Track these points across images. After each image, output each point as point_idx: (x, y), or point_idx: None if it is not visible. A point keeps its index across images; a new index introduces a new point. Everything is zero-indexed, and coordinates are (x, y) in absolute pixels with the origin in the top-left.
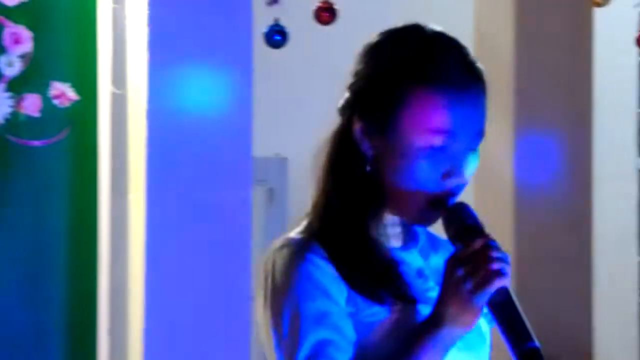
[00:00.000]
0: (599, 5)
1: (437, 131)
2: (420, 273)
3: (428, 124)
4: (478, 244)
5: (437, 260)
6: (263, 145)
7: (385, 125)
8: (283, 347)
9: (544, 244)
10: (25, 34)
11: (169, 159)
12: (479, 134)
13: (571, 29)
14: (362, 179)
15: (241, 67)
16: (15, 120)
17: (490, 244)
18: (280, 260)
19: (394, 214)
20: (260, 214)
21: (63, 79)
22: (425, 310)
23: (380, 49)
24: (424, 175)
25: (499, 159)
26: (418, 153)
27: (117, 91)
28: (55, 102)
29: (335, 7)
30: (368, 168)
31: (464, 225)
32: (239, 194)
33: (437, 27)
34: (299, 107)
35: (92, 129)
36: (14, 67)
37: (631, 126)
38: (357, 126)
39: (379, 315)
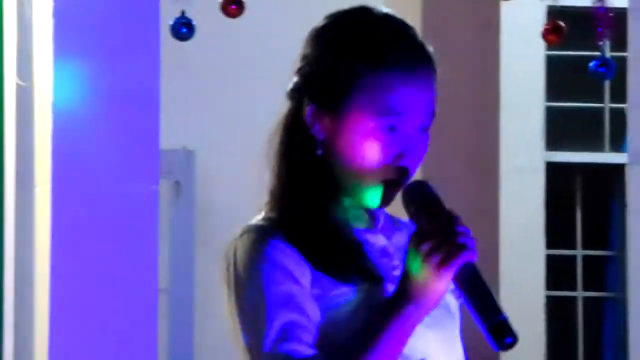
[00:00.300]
0: None
1: (389, 112)
2: (384, 252)
3: (380, 105)
4: (443, 218)
5: (400, 239)
6: (169, 137)
7: (336, 107)
8: (250, 333)
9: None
10: None
11: (75, 152)
12: (431, 115)
13: (478, 24)
14: (314, 162)
15: (148, 59)
16: None
17: (454, 219)
18: (242, 247)
19: (350, 196)
20: (167, 208)
21: None
22: (391, 288)
23: (329, 32)
24: (377, 156)
25: None
26: (370, 134)
27: (22, 83)
28: None
29: (243, 0)
30: (319, 151)
31: (426, 201)
32: (146, 187)
33: (385, 9)
34: (206, 100)
35: None
36: None
37: (538, 120)
38: (307, 109)
39: (346, 295)
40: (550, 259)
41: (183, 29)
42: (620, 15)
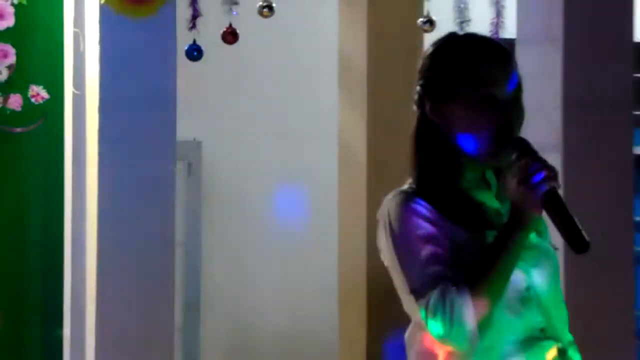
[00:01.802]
0: (426, 31)
1: (486, 82)
2: (498, 213)
3: (478, 80)
4: (539, 158)
5: (509, 206)
6: (183, 131)
7: (450, 97)
8: (406, 265)
9: None
10: (11, 50)
11: (117, 142)
12: (516, 85)
13: (406, 50)
14: (439, 145)
15: (169, 75)
16: (3, 114)
17: (543, 161)
18: (394, 205)
19: (472, 161)
20: (182, 183)
21: (38, 83)
22: None
23: (435, 53)
24: (486, 120)
25: (356, 142)
26: (477, 105)
27: (77, 92)
28: (33, 100)
29: (237, 31)
30: (442, 136)
31: (527, 149)
32: (167, 168)
33: (469, 32)
34: (212, 103)
35: (60, 119)
36: (2, 75)
37: None
38: (428, 107)
39: (469, 239)
40: None
41: (195, 52)
42: (511, 44)
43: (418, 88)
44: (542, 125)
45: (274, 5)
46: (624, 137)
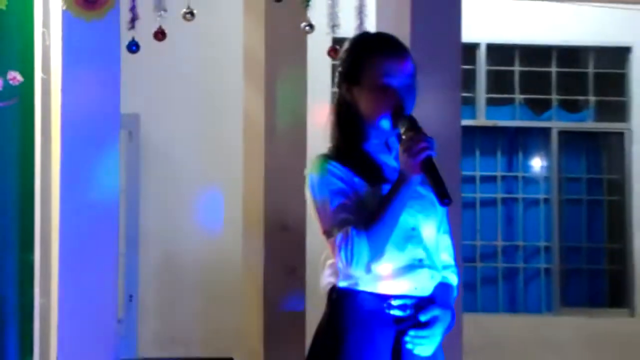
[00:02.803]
0: (307, 33)
1: (387, 75)
2: (394, 171)
3: (381, 72)
4: (420, 132)
5: None
6: (126, 105)
7: (360, 80)
8: (322, 215)
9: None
10: None
11: (75, 114)
12: (410, 76)
13: (294, 46)
14: (351, 117)
15: (113, 64)
16: None
17: (424, 134)
18: (314, 166)
19: (375, 130)
20: (124, 145)
21: (15, 69)
22: None
23: (350, 47)
24: (386, 101)
25: (256, 114)
26: (380, 90)
27: (44, 76)
28: (10, 82)
29: (166, 31)
30: (353, 111)
31: (414, 125)
32: (112, 134)
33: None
34: (147, 85)
35: (31, 97)
36: None
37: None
38: (344, 87)
39: (372, 191)
40: None
41: (133, 47)
42: None
43: (338, 73)
44: None
45: (194, 11)
46: (455, 113)
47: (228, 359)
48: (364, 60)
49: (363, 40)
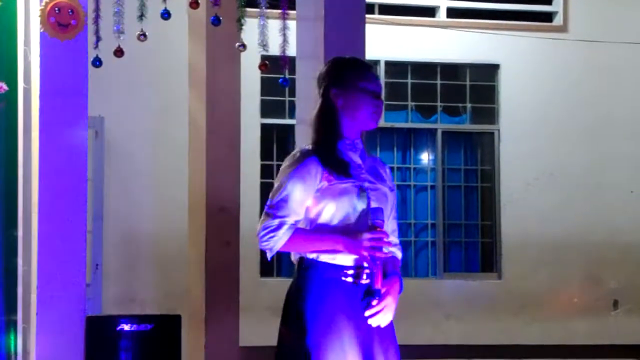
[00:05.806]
0: (240, 51)
1: (367, 82)
2: (359, 165)
3: (364, 79)
4: (377, 233)
5: (370, 163)
6: (92, 109)
7: (353, 87)
8: (270, 197)
9: (226, 165)
10: None
11: (51, 119)
12: (380, 89)
13: (229, 60)
14: (331, 118)
15: (82, 75)
16: None
17: (381, 234)
18: (290, 156)
19: (350, 136)
20: (91, 143)
21: (1, 79)
22: (358, 182)
23: (332, 63)
24: (369, 109)
25: (199, 116)
26: (365, 101)
27: (26, 86)
28: None
29: (124, 49)
30: (337, 114)
31: (372, 223)
32: (81, 133)
33: (350, 55)
34: (110, 93)
35: (15, 104)
36: None
37: (257, 134)
38: (331, 91)
39: (338, 183)
40: None
41: (97, 62)
42: (292, 59)
43: (324, 82)
44: None
45: (147, 33)
46: None
47: (176, 316)
48: (347, 69)
49: (342, 58)
